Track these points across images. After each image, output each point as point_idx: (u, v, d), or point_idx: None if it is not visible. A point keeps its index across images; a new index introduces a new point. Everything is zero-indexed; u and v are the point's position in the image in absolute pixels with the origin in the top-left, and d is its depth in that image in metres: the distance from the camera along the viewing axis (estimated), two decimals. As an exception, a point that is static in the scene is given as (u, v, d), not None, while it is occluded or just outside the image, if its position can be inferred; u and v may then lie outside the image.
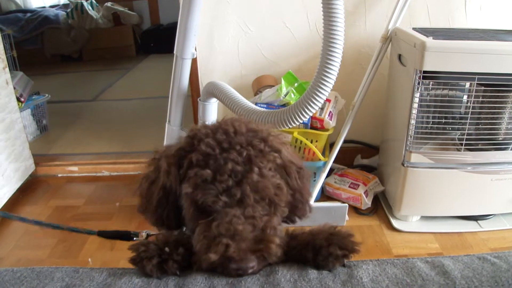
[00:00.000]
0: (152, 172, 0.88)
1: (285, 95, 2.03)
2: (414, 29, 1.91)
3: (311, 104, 1.65)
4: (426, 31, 1.85)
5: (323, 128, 2.10)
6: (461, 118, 1.92)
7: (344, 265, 0.75)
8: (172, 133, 2.16)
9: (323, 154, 2.13)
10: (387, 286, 0.66)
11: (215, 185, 0.72)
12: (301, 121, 1.80)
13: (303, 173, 0.89)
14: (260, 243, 0.71)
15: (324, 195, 2.28)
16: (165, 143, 2.20)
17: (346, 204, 2.04)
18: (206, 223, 0.73)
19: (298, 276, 0.69)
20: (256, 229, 0.72)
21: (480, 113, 1.87)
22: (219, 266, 0.70)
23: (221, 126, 0.81)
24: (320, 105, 1.68)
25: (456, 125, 1.94)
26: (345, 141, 2.14)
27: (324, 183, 2.21)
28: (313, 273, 0.70)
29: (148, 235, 1.00)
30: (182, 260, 0.75)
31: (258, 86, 2.25)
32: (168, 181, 0.81)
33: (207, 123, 0.86)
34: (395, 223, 2.05)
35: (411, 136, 1.86)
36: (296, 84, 2.09)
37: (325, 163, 2.10)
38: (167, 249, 0.74)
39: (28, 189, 2.51)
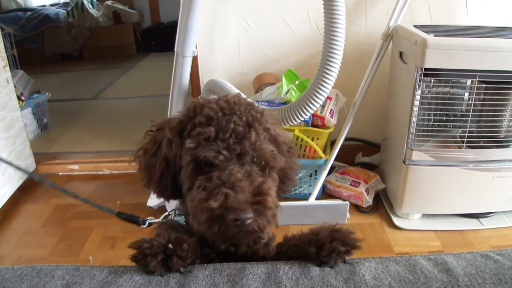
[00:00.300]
0: (150, 144, 0.89)
1: (286, 93, 2.02)
2: (415, 26, 1.91)
3: (312, 101, 1.65)
4: (427, 29, 1.85)
5: (324, 126, 2.10)
6: (462, 116, 1.92)
7: (345, 262, 0.74)
8: (173, 131, 2.15)
9: (324, 152, 2.13)
10: (389, 283, 0.65)
11: (217, 142, 0.76)
12: (302, 119, 1.80)
13: (293, 151, 0.92)
14: (257, 195, 0.73)
15: (325, 193, 2.27)
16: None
17: (347, 202, 2.04)
18: (206, 178, 0.75)
19: (300, 273, 0.69)
20: (253, 184, 0.75)
21: (481, 110, 1.87)
22: (216, 220, 0.71)
23: (221, 98, 0.85)
24: (321, 102, 1.68)
25: (457, 122, 1.93)
26: (346, 139, 2.13)
27: (325, 181, 2.21)
28: (315, 271, 0.70)
29: (150, 224, 1.00)
30: (186, 257, 0.74)
31: (259, 83, 2.24)
32: (171, 152, 0.82)
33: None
34: (396, 221, 2.05)
35: (412, 134, 1.85)
36: (297, 82, 2.09)
37: (326, 161, 2.10)
38: (170, 245, 0.74)
39: (28, 188, 2.51)
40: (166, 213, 0.99)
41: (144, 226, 1.01)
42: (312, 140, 2.10)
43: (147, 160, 0.87)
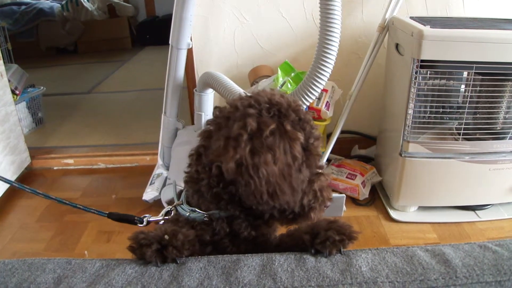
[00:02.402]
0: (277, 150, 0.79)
1: (282, 85, 2.01)
2: (411, 18, 1.90)
3: (308, 94, 1.64)
4: (423, 20, 1.84)
5: (320, 119, 2.09)
6: (458, 108, 1.91)
7: (340, 251, 0.74)
8: (168, 124, 2.14)
9: (320, 144, 2.12)
10: (386, 275, 0.64)
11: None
12: (298, 111, 1.78)
13: None
14: None
15: (322, 186, 2.26)
16: (161, 134, 2.19)
17: (344, 195, 2.04)
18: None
19: (295, 265, 0.68)
20: None
21: (477, 102, 1.87)
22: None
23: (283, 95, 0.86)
24: (317, 95, 1.67)
25: (453, 114, 1.93)
26: (342, 132, 2.13)
27: (321, 174, 2.19)
28: (310, 262, 0.69)
29: (148, 222, 0.98)
30: (182, 248, 0.74)
31: (255, 76, 2.23)
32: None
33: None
34: (393, 213, 2.05)
35: (408, 126, 1.85)
36: (292, 74, 2.07)
37: (322, 154, 2.09)
38: (166, 236, 0.74)
39: (23, 182, 2.49)
40: (167, 209, 0.95)
41: (142, 225, 0.98)
42: (308, 133, 2.09)
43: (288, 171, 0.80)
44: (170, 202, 0.98)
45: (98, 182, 2.52)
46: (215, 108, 0.86)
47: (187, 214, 0.88)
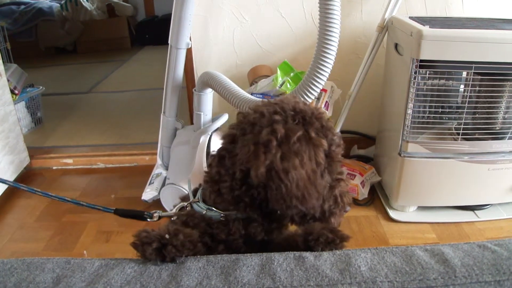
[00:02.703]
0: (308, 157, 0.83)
1: (281, 85, 2.01)
2: (410, 18, 1.90)
3: (307, 93, 1.64)
4: (422, 20, 1.84)
5: (319, 119, 2.08)
6: (458, 108, 1.91)
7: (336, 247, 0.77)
8: (168, 124, 2.14)
9: (319, 144, 2.12)
10: (385, 274, 0.64)
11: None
12: (297, 111, 1.78)
13: None
14: None
15: (321, 186, 2.26)
16: (160, 134, 2.19)
17: (343, 195, 2.03)
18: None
19: (294, 265, 0.68)
20: None
21: (477, 102, 1.87)
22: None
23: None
24: (316, 94, 1.67)
25: (453, 114, 1.93)
26: (341, 132, 2.13)
27: (320, 174, 2.19)
28: (309, 262, 0.69)
29: (159, 217, 0.99)
30: (182, 247, 0.75)
31: (254, 76, 2.23)
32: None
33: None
34: (392, 213, 2.05)
35: (407, 126, 1.85)
36: (292, 74, 2.08)
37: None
38: (167, 236, 0.75)
39: (23, 182, 2.49)
40: (182, 204, 0.96)
41: (154, 220, 0.99)
42: (308, 132, 2.09)
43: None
44: (184, 199, 1.00)
45: (97, 182, 2.52)
46: (239, 113, 0.89)
47: (204, 212, 0.89)
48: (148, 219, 1.01)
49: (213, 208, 0.88)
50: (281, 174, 0.76)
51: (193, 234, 0.80)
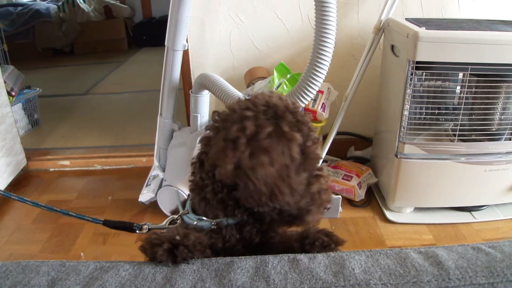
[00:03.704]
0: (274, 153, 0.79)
1: (278, 87, 2.01)
2: (407, 19, 1.90)
3: (304, 95, 1.64)
4: (419, 22, 1.84)
5: (316, 120, 2.09)
6: (454, 109, 1.92)
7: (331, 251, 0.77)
8: (164, 126, 2.14)
9: (316, 146, 2.12)
10: (379, 277, 0.64)
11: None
12: (294, 113, 1.78)
13: None
14: None
15: (318, 187, 2.26)
16: (157, 136, 2.19)
17: (340, 196, 2.04)
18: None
19: (288, 268, 0.68)
20: None
21: (473, 103, 1.87)
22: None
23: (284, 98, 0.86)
24: (312, 96, 1.67)
25: (449, 116, 1.93)
26: (338, 133, 2.13)
27: (317, 175, 2.20)
28: (303, 264, 0.69)
29: (149, 229, 0.98)
30: (193, 248, 0.75)
31: (251, 78, 2.23)
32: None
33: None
34: (388, 214, 2.05)
35: (404, 127, 1.85)
36: (288, 76, 2.08)
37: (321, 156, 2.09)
38: (177, 237, 0.75)
39: (19, 184, 2.50)
40: (172, 217, 0.94)
41: (143, 232, 0.98)
42: (304, 134, 2.09)
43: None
44: (174, 212, 0.98)
45: (94, 184, 2.52)
46: (214, 112, 0.86)
47: (194, 223, 0.88)
48: (137, 231, 0.99)
49: (203, 218, 0.87)
50: (248, 171, 0.75)
51: (203, 238, 0.80)
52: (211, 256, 0.80)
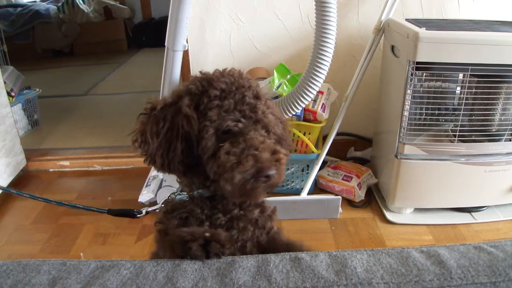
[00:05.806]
0: (159, 124, 0.94)
1: (278, 87, 2.01)
2: (407, 20, 1.90)
3: (304, 95, 1.64)
4: (419, 22, 1.84)
5: (316, 120, 2.09)
6: (454, 110, 1.92)
7: None
8: (164, 126, 2.14)
9: (316, 146, 2.12)
10: (381, 276, 0.64)
11: (234, 112, 0.87)
12: (294, 113, 1.79)
13: (286, 124, 1.05)
14: (273, 154, 0.85)
15: (317, 188, 2.27)
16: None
17: (340, 197, 2.04)
18: (231, 144, 0.85)
19: (290, 266, 0.68)
20: (269, 145, 0.87)
21: (473, 104, 1.87)
22: (249, 179, 0.82)
23: (223, 72, 0.95)
24: (312, 96, 1.67)
25: (449, 116, 1.93)
26: (338, 134, 2.13)
27: (317, 176, 2.20)
28: (305, 263, 0.69)
29: (147, 212, 1.15)
30: (225, 243, 0.78)
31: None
32: (192, 127, 0.90)
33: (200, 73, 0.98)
34: (388, 215, 2.05)
35: (404, 128, 1.85)
36: (288, 76, 2.08)
37: (318, 156, 2.09)
38: (207, 234, 0.78)
39: (19, 184, 2.49)
40: (166, 198, 1.04)
41: (141, 215, 1.07)
42: (304, 134, 2.09)
43: (161, 140, 0.92)
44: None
45: (94, 184, 2.52)
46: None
47: (175, 197, 1.00)
48: (138, 215, 1.11)
49: (182, 193, 0.99)
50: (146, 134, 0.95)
51: (230, 235, 0.88)
52: (195, 225, 0.94)
